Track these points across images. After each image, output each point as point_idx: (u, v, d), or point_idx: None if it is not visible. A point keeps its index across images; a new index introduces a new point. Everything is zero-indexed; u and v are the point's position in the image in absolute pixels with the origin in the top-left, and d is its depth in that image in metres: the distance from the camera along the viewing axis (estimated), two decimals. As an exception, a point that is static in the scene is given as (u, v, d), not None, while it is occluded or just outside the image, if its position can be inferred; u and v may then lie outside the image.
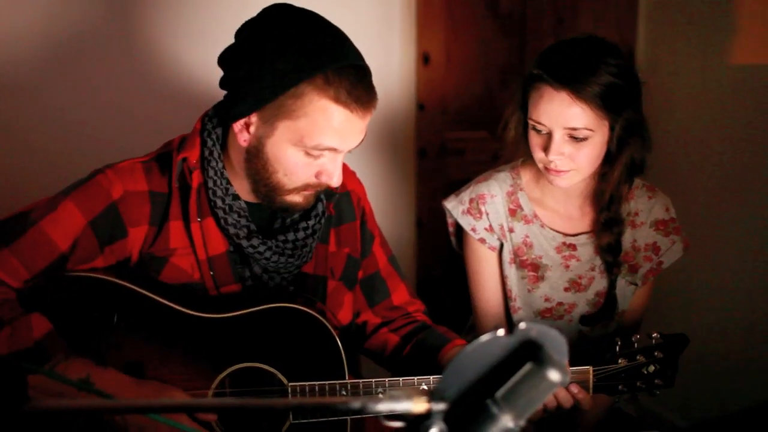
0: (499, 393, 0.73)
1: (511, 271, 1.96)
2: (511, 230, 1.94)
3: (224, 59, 1.51)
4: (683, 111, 2.71)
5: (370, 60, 1.51)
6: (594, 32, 1.80)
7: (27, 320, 1.45)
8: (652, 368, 1.63)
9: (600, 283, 1.95)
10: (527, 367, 0.72)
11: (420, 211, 2.91)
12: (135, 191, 1.54)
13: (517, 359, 0.73)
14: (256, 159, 1.50)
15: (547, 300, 1.96)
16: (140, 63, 2.43)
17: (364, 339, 1.83)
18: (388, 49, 2.72)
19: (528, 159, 1.90)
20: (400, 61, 2.75)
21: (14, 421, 0.69)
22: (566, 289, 1.95)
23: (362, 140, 1.51)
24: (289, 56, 1.41)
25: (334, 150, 1.47)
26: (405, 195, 2.89)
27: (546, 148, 1.73)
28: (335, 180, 1.51)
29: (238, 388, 1.56)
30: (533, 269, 1.95)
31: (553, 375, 0.70)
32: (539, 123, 1.72)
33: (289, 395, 1.53)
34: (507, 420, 0.72)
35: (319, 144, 1.45)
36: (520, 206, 1.94)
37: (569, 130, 1.70)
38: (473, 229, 1.95)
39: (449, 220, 2.04)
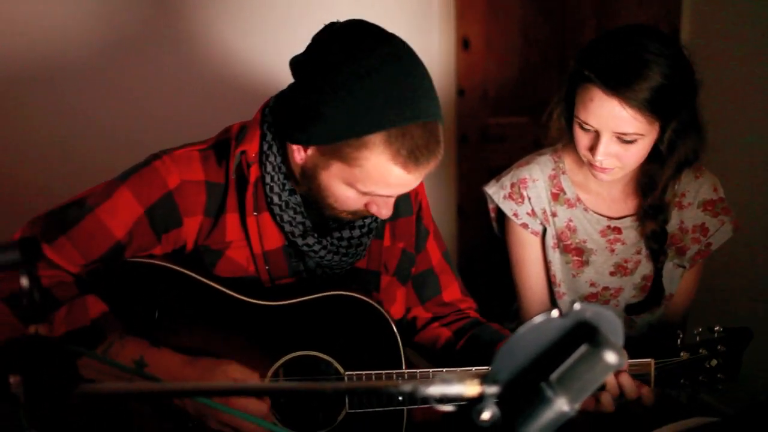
0: (554, 376, 0.72)
1: (554, 256, 1.94)
2: (553, 214, 1.92)
3: (293, 69, 1.45)
4: (731, 94, 2.64)
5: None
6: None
7: (83, 301, 1.46)
8: (714, 362, 1.59)
9: (646, 267, 1.91)
10: (582, 349, 0.71)
11: (461, 197, 2.89)
12: (192, 180, 1.52)
13: (572, 341, 0.72)
14: (309, 180, 1.47)
15: (592, 285, 1.93)
16: (191, 56, 2.44)
17: (414, 333, 1.81)
18: (426, 34, 2.69)
19: (571, 142, 1.86)
20: (439, 46, 2.72)
21: (67, 402, 0.70)
22: (612, 274, 1.92)
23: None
24: (353, 105, 1.33)
25: (386, 196, 1.46)
26: (446, 182, 2.87)
27: (592, 147, 1.69)
28: (384, 214, 1.49)
29: (294, 376, 1.55)
30: (577, 254, 1.92)
31: (610, 357, 0.68)
32: (587, 123, 1.68)
33: None
34: (562, 403, 0.71)
35: (371, 191, 1.43)
36: (562, 190, 1.91)
37: (619, 134, 1.65)
38: (515, 214, 1.93)
39: (490, 206, 2.02)
